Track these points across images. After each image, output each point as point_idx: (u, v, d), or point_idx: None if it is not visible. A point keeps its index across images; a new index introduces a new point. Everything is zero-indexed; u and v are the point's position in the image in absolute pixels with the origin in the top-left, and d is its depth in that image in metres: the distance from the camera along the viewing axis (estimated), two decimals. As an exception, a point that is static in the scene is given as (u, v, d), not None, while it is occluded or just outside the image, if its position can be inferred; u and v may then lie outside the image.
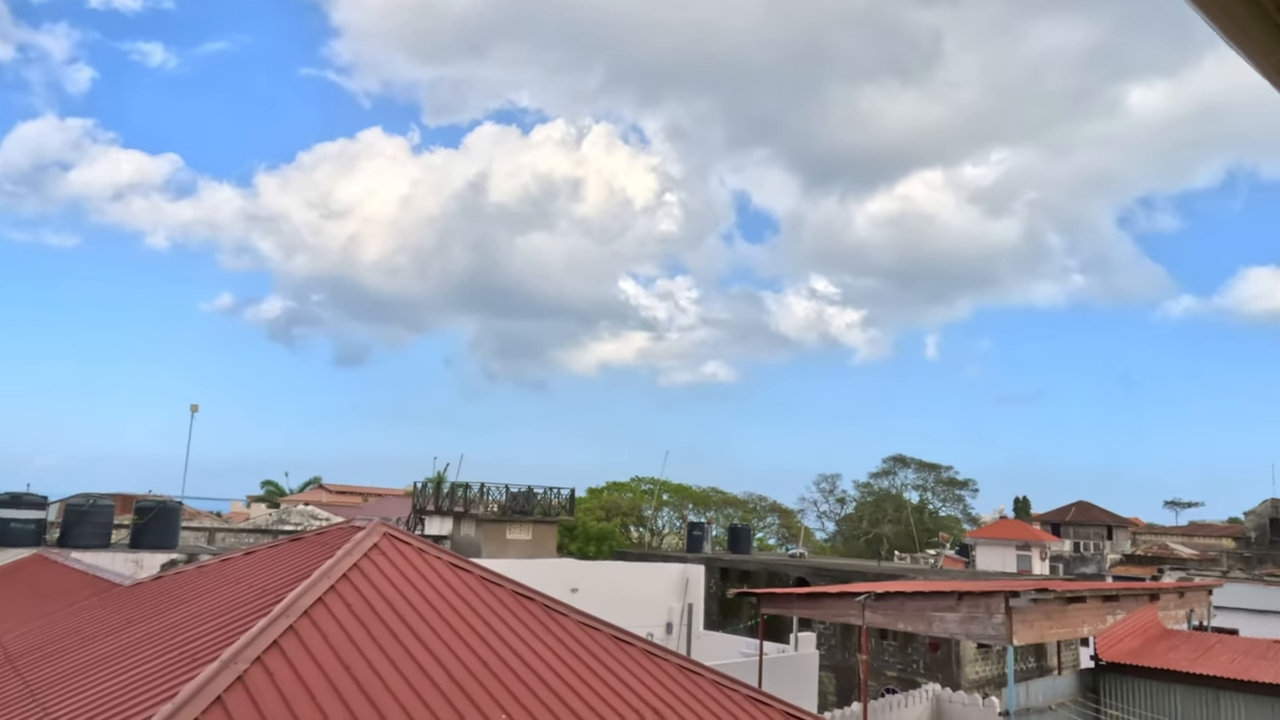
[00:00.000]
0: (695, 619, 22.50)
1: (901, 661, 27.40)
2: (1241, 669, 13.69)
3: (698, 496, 58.64)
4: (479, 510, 28.91)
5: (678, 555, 35.96)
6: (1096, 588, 17.84)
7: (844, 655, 27.66)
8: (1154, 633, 15.87)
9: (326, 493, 56.66)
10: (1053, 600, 14.27)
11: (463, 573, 8.79)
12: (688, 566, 24.36)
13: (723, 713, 8.08)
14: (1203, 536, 60.33)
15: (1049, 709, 13.60)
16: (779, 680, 16.37)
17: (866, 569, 34.14)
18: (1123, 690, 14.34)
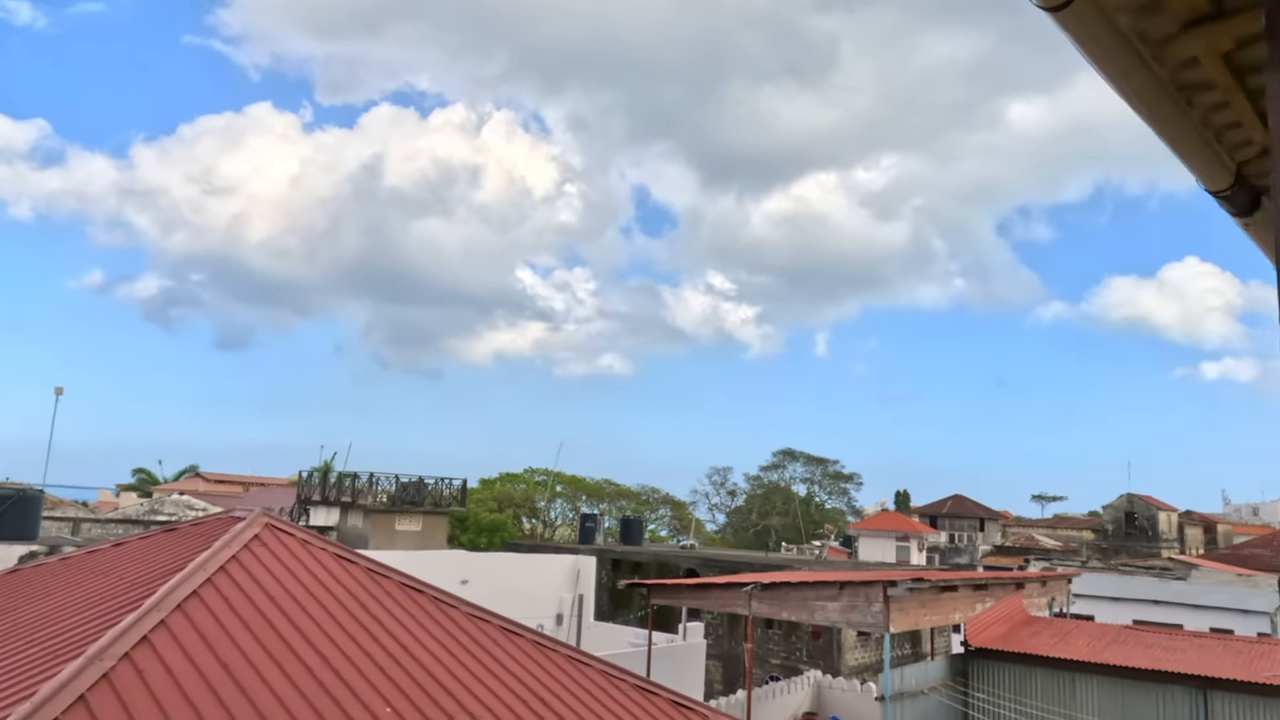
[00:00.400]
0: (586, 610, 22.58)
1: (786, 650, 28.18)
2: (1095, 653, 14.67)
3: (591, 488, 58.79)
4: (367, 501, 28.26)
5: (570, 547, 36.01)
6: (967, 577, 18.77)
7: (731, 644, 28.25)
8: (1019, 620, 16.82)
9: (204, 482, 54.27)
10: (927, 589, 14.97)
11: (348, 564, 8.60)
12: (579, 558, 24.42)
13: (610, 702, 8.17)
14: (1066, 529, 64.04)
15: (922, 693, 14.25)
16: (667, 669, 16.61)
17: (754, 560, 34.92)
18: (989, 674, 15.16)
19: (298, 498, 29.61)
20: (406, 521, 28.59)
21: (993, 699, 14.62)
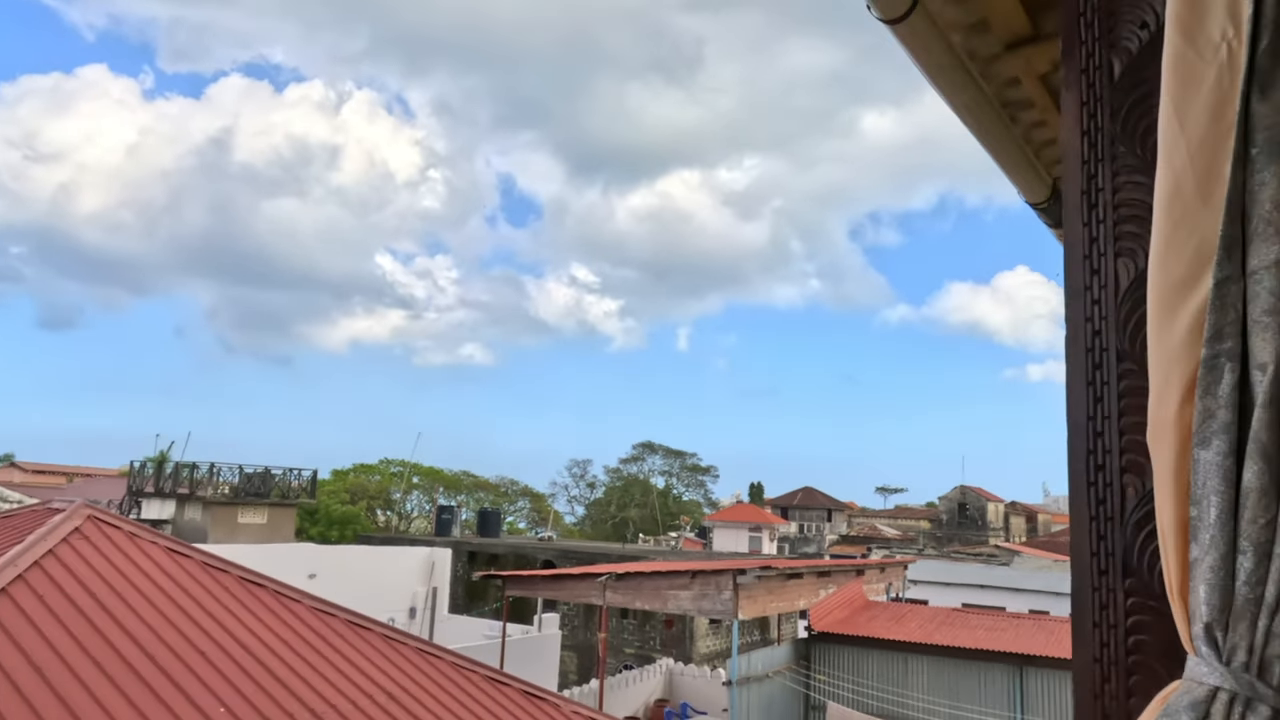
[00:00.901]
0: (440, 603, 22.20)
1: (640, 639, 28.59)
2: (926, 634, 15.66)
3: (449, 480, 57.79)
4: (207, 493, 26.80)
5: (425, 539, 35.26)
6: (811, 565, 19.60)
7: (587, 635, 28.41)
8: (858, 605, 17.71)
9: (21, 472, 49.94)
10: (774, 577, 15.56)
11: (181, 559, 8.15)
12: (434, 550, 23.98)
13: (460, 694, 8.09)
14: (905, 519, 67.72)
15: (767, 676, 14.81)
16: (522, 661, 16.56)
17: (611, 551, 35.23)
18: (830, 657, 15.92)
19: (129, 489, 27.75)
20: (250, 514, 27.28)
21: (832, 680, 15.36)
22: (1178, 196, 1.28)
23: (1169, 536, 1.25)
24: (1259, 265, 1.21)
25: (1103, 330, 1.47)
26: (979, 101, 3.45)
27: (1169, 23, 1.32)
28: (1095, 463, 1.45)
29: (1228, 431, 1.20)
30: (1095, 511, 1.44)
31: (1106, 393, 1.46)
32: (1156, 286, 1.29)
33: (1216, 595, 1.19)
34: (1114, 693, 1.39)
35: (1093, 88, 1.52)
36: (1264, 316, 1.20)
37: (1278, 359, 1.18)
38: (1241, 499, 1.19)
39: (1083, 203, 1.52)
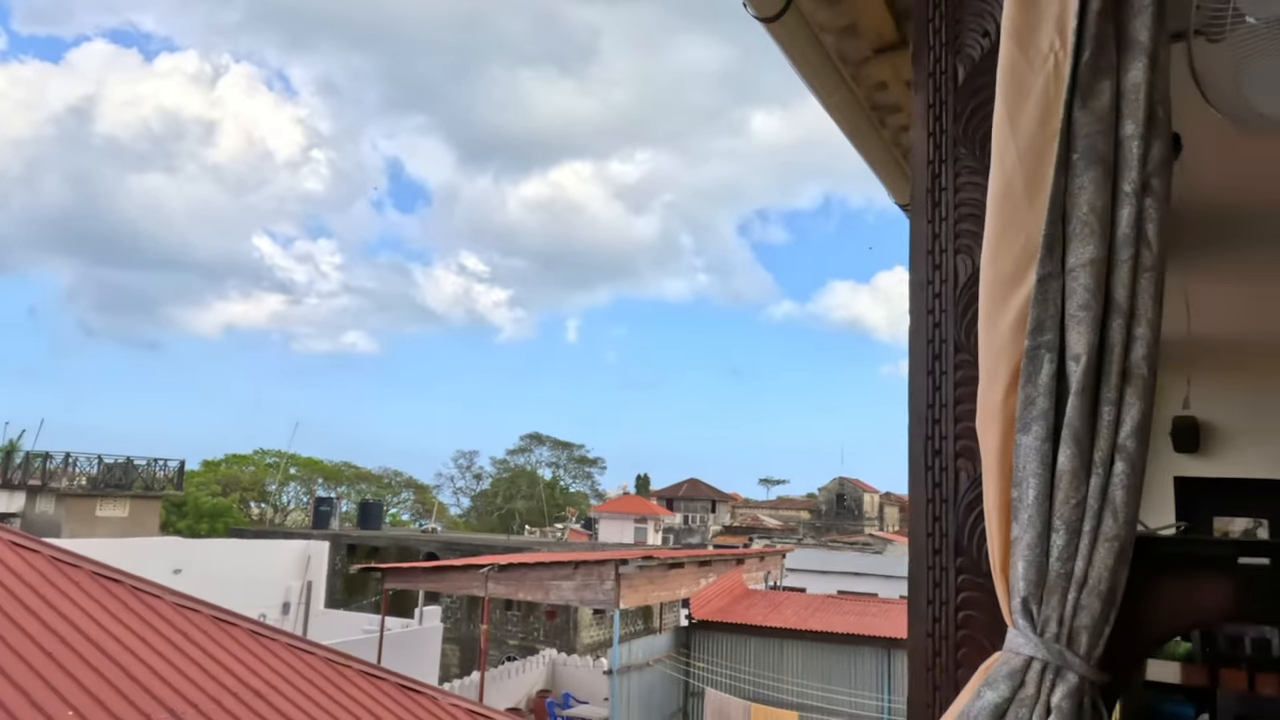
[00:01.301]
0: (316, 597, 21.52)
1: (524, 630, 28.45)
2: (801, 620, 16.18)
3: (329, 471, 56.07)
4: (61, 484, 25.17)
5: (302, 532, 34.10)
6: (693, 554, 19.94)
7: (470, 627, 28.08)
8: (738, 593, 18.13)
9: None
10: (656, 567, 15.77)
11: (28, 554, 7.63)
12: (311, 543, 23.22)
13: (332, 689, 7.87)
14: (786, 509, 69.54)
15: (648, 665, 14.99)
16: (402, 654, 16.24)
17: (496, 543, 34.94)
18: (710, 644, 16.24)
19: (-29, 481, 25.77)
20: (110, 507, 25.78)
21: (711, 667, 15.68)
22: (1008, 197, 1.36)
23: (993, 517, 1.33)
24: (1076, 263, 1.30)
25: (942, 323, 1.54)
26: (850, 103, 3.55)
27: (1004, 33, 1.39)
28: (933, 448, 1.53)
29: (1045, 418, 1.28)
30: (932, 495, 1.52)
31: (944, 382, 1.53)
32: (987, 282, 1.37)
33: (1033, 571, 1.28)
34: (944, 665, 1.47)
35: (939, 91, 1.60)
36: (1079, 311, 1.29)
37: (1090, 350, 1.27)
38: (1056, 481, 1.28)
39: (927, 201, 1.59)
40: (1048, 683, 1.26)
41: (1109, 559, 1.26)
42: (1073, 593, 1.26)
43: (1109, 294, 1.29)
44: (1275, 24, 1.46)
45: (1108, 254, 1.30)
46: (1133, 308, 1.29)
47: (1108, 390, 1.28)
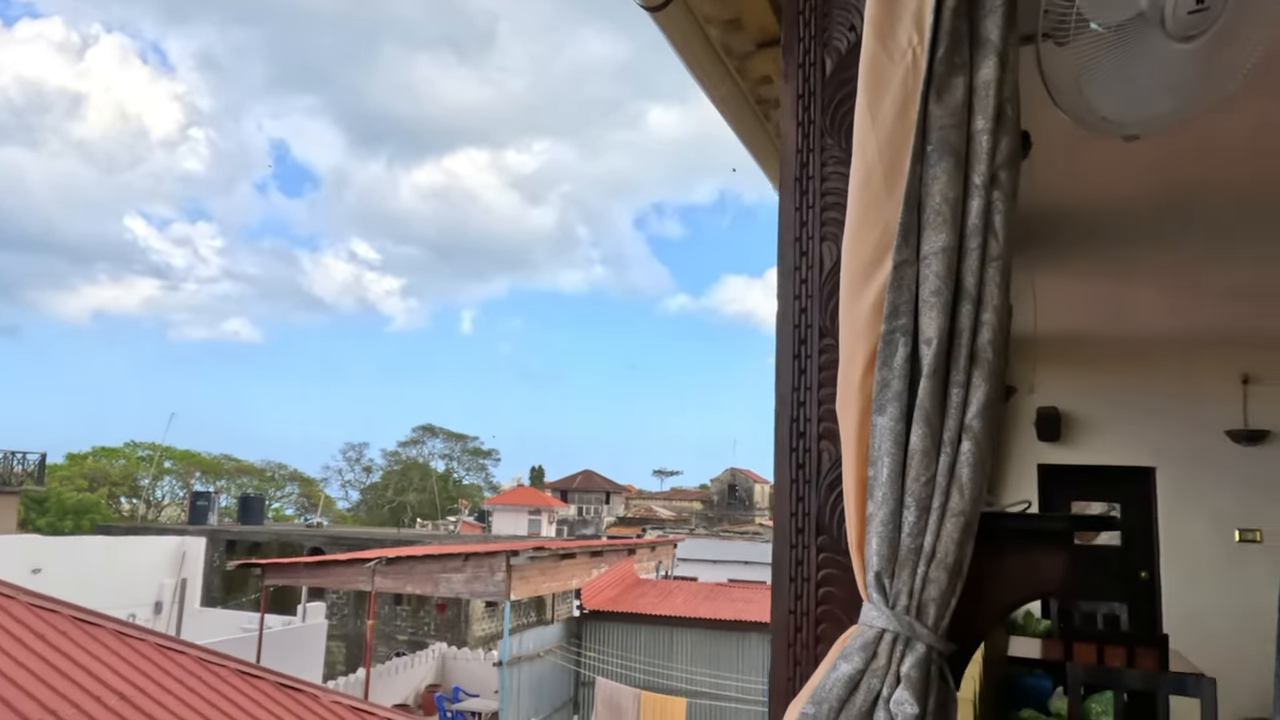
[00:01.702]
0: (191, 596, 20.58)
1: (414, 625, 27.93)
2: (691, 608, 16.44)
3: (208, 464, 53.69)
4: (-96, 479, 23.30)
5: (177, 528, 32.56)
6: (584, 545, 19.97)
7: (357, 623, 27.39)
8: (630, 583, 18.26)
9: None
10: (548, 558, 15.73)
11: None
12: (186, 540, 22.18)
13: (205, 689, 7.55)
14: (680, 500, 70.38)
15: (538, 656, 14.95)
16: (284, 653, 15.71)
17: (386, 537, 34.19)
18: (601, 634, 16.31)
19: None
20: (-40, 504, 23.99)
21: (602, 656, 15.75)
22: (867, 186, 1.41)
23: (851, 495, 1.38)
24: (929, 251, 1.35)
25: (809, 308, 1.58)
26: (735, 96, 3.60)
27: (867, 26, 1.43)
28: (797, 430, 1.57)
29: (900, 399, 1.33)
30: (795, 475, 1.56)
31: (809, 366, 1.57)
32: (847, 268, 1.41)
33: (886, 547, 1.32)
34: (805, 641, 1.51)
35: (808, 82, 1.64)
36: (931, 297, 1.34)
37: (940, 334, 1.33)
38: (909, 459, 1.33)
39: (795, 189, 1.63)
40: (898, 653, 1.30)
41: (956, 533, 1.31)
42: (922, 566, 1.31)
43: (959, 281, 1.35)
44: (1116, 30, 1.55)
45: (958, 243, 1.36)
46: (980, 294, 1.35)
47: (957, 373, 1.34)
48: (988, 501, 1.34)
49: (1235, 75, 1.61)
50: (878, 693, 1.30)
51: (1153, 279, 5.42)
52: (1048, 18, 1.59)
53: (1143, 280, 5.47)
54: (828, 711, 1.32)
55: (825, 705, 1.32)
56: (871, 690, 1.31)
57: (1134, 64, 1.58)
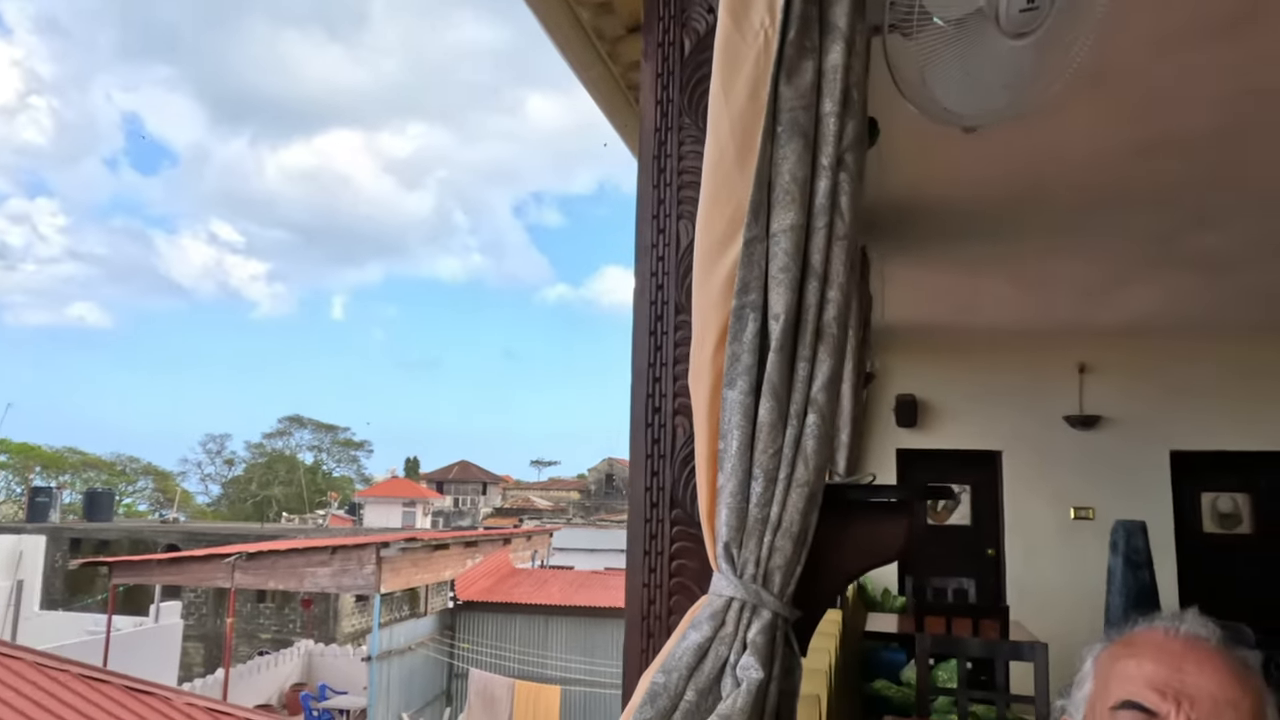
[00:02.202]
0: (29, 598, 19.16)
1: (279, 623, 26.90)
2: (566, 597, 16.47)
3: (49, 458, 50.14)
4: None
5: (13, 526, 30.24)
6: (459, 535, 19.69)
7: (216, 622, 26.15)
8: (505, 573, 18.13)
9: None
10: (420, 549, 15.42)
11: None
12: (23, 539, 20.64)
13: (45, 697, 7.06)
14: (558, 490, 70.32)
15: (410, 649, 14.66)
16: (135, 656, 14.84)
17: (249, 531, 32.77)
18: (475, 625, 16.14)
19: None
20: None
21: (476, 648, 15.59)
22: (720, 164, 1.43)
23: (703, 467, 1.40)
24: (779, 228, 1.39)
25: (665, 285, 1.60)
26: (606, 79, 3.61)
27: (722, 8, 1.46)
28: (653, 406, 1.58)
29: (749, 373, 1.36)
30: (651, 450, 1.57)
31: (665, 342, 1.59)
32: (700, 244, 1.43)
33: (734, 517, 1.35)
34: (658, 613, 1.53)
35: (666, 62, 1.65)
36: (780, 273, 1.37)
37: (788, 310, 1.36)
38: (757, 432, 1.36)
39: (653, 167, 1.64)
40: (745, 621, 1.34)
41: (801, 504, 1.35)
42: (768, 536, 1.35)
43: (806, 258, 1.39)
44: (956, 25, 1.63)
45: (806, 221, 1.40)
46: (827, 272, 1.40)
47: (803, 348, 1.38)
48: (848, 479, 1.38)
49: (1061, 75, 1.71)
50: (725, 659, 1.33)
51: (999, 272, 5.75)
52: (894, 10, 1.65)
53: (990, 273, 5.80)
54: (677, 680, 1.34)
55: (675, 674, 1.34)
56: (720, 657, 1.33)
57: (973, 58, 1.65)
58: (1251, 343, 7.33)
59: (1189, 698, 0.91)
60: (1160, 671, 0.94)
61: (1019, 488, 7.67)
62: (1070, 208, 4.42)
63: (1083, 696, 1.05)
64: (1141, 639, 1.00)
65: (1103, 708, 0.99)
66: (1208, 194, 4.21)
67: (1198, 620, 1.00)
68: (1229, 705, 0.91)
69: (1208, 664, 0.93)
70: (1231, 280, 5.75)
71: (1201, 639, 0.96)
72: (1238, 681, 0.93)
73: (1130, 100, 3.23)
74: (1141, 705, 0.94)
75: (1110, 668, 1.02)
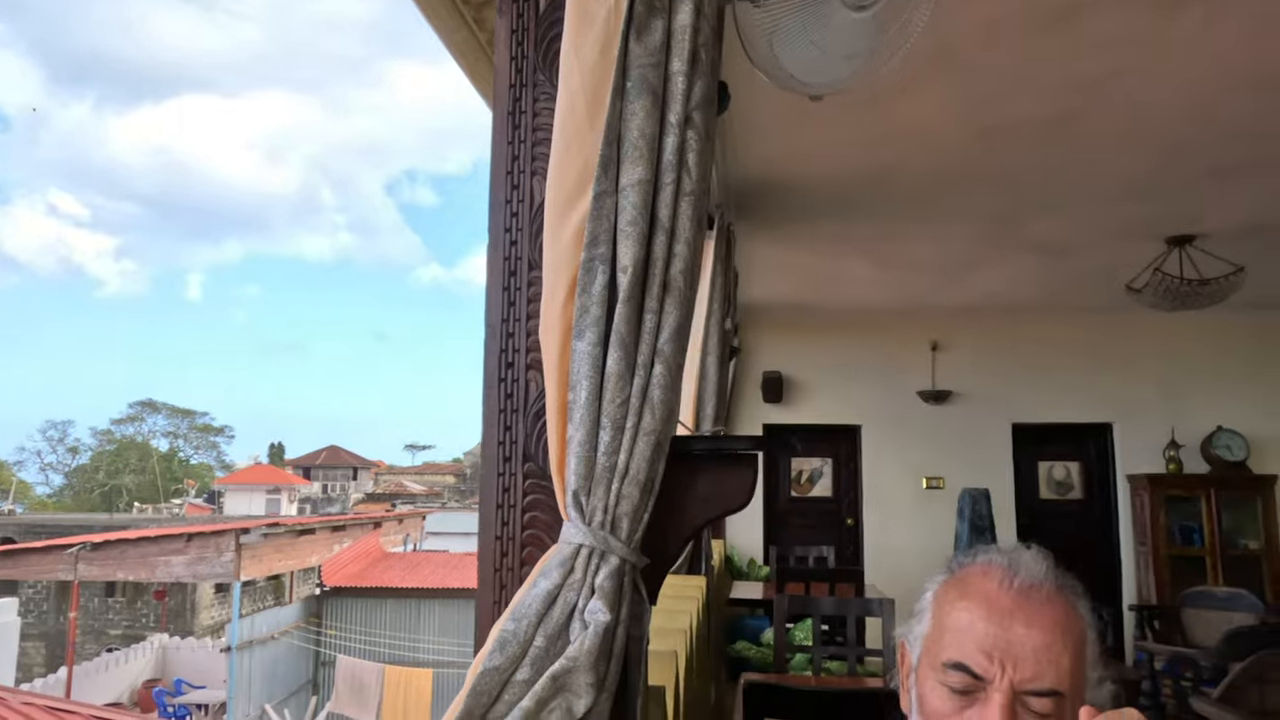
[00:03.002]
0: None
1: (130, 618, 25.46)
2: (439, 579, 16.25)
3: None
4: None
5: None
6: (325, 520, 19.12)
7: (59, 619, 24.53)
8: (375, 557, 17.72)
9: None
10: (284, 534, 14.87)
11: None
12: None
13: None
14: (432, 474, 69.14)
15: (273, 638, 14.14)
16: (-38, 658, 13.75)
17: (96, 522, 30.79)
18: (343, 610, 15.73)
19: None
20: None
21: (344, 634, 15.20)
22: (571, 119, 1.44)
23: (553, 419, 1.42)
24: (627, 183, 1.42)
25: (519, 241, 1.61)
26: (470, 44, 3.55)
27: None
28: (506, 361, 1.59)
29: (598, 325, 1.39)
30: (504, 405, 1.58)
31: (519, 298, 1.60)
32: (551, 198, 1.45)
33: (583, 466, 1.38)
34: (510, 565, 1.54)
35: (521, 18, 1.65)
36: (628, 226, 1.40)
37: (636, 263, 1.39)
38: (605, 382, 1.39)
39: (507, 124, 1.64)
40: (593, 566, 1.37)
41: (647, 452, 1.39)
42: (616, 483, 1.38)
43: (654, 213, 1.43)
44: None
45: (654, 176, 1.43)
46: (674, 227, 1.44)
47: (651, 300, 1.41)
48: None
49: (899, 49, 1.79)
50: (574, 605, 1.36)
51: (858, 251, 6.00)
52: (743, -23, 1.70)
53: (850, 252, 6.04)
54: (526, 626, 1.36)
55: (524, 621, 1.36)
56: (568, 603, 1.36)
57: (817, 29, 1.72)
58: (1086, 324, 7.91)
59: (1014, 658, 0.97)
60: (990, 631, 0.99)
61: (876, 460, 8.06)
62: (921, 189, 4.66)
63: (920, 633, 1.11)
64: (977, 587, 1.05)
65: (934, 657, 1.05)
66: (1044, 180, 4.51)
67: (1034, 562, 1.05)
68: (1050, 660, 0.97)
69: (1035, 619, 0.99)
70: (1067, 264, 6.18)
71: (1034, 587, 1.02)
72: (1061, 631, 0.99)
73: (972, 85, 3.42)
74: (969, 669, 1.00)
75: (946, 614, 1.07)
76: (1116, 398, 7.94)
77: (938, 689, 1.03)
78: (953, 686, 1.01)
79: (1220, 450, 7.60)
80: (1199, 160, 4.21)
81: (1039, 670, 0.96)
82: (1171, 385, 7.85)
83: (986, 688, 0.98)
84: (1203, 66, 3.27)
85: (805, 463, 8.29)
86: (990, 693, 0.98)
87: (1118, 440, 8.00)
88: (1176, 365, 7.86)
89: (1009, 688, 0.96)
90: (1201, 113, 3.67)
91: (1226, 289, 5.12)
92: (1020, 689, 0.96)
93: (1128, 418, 7.93)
